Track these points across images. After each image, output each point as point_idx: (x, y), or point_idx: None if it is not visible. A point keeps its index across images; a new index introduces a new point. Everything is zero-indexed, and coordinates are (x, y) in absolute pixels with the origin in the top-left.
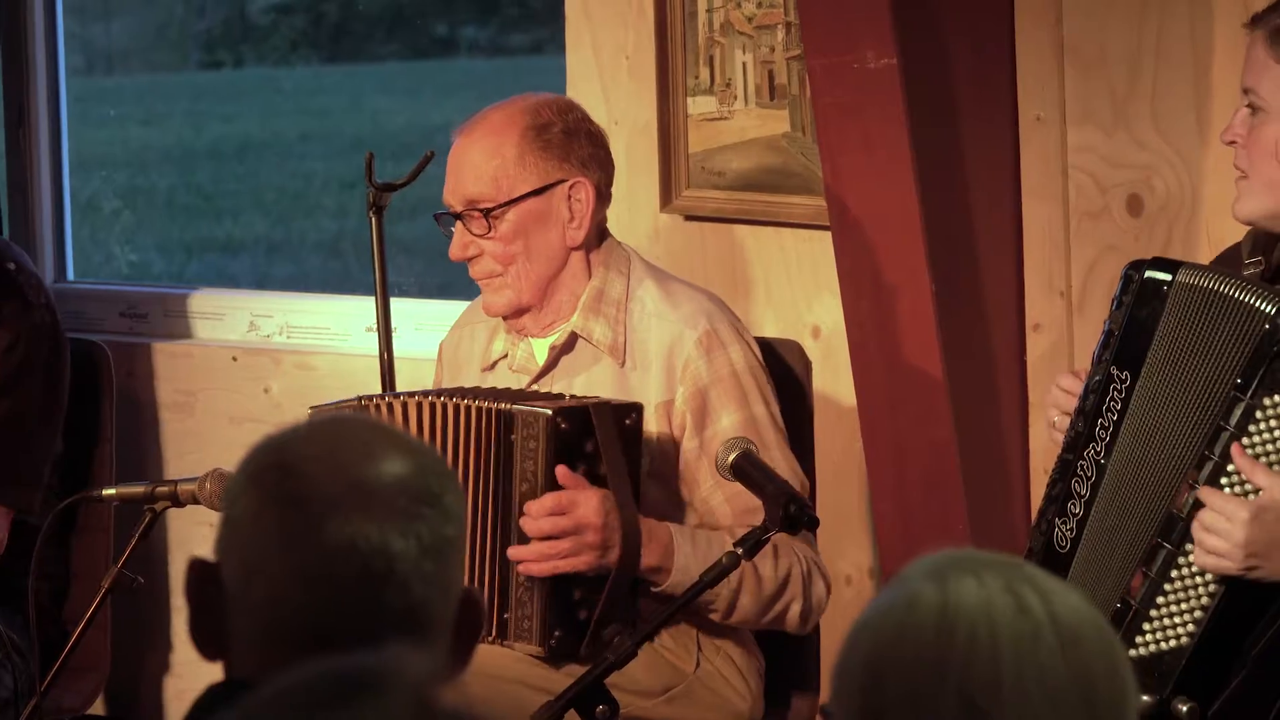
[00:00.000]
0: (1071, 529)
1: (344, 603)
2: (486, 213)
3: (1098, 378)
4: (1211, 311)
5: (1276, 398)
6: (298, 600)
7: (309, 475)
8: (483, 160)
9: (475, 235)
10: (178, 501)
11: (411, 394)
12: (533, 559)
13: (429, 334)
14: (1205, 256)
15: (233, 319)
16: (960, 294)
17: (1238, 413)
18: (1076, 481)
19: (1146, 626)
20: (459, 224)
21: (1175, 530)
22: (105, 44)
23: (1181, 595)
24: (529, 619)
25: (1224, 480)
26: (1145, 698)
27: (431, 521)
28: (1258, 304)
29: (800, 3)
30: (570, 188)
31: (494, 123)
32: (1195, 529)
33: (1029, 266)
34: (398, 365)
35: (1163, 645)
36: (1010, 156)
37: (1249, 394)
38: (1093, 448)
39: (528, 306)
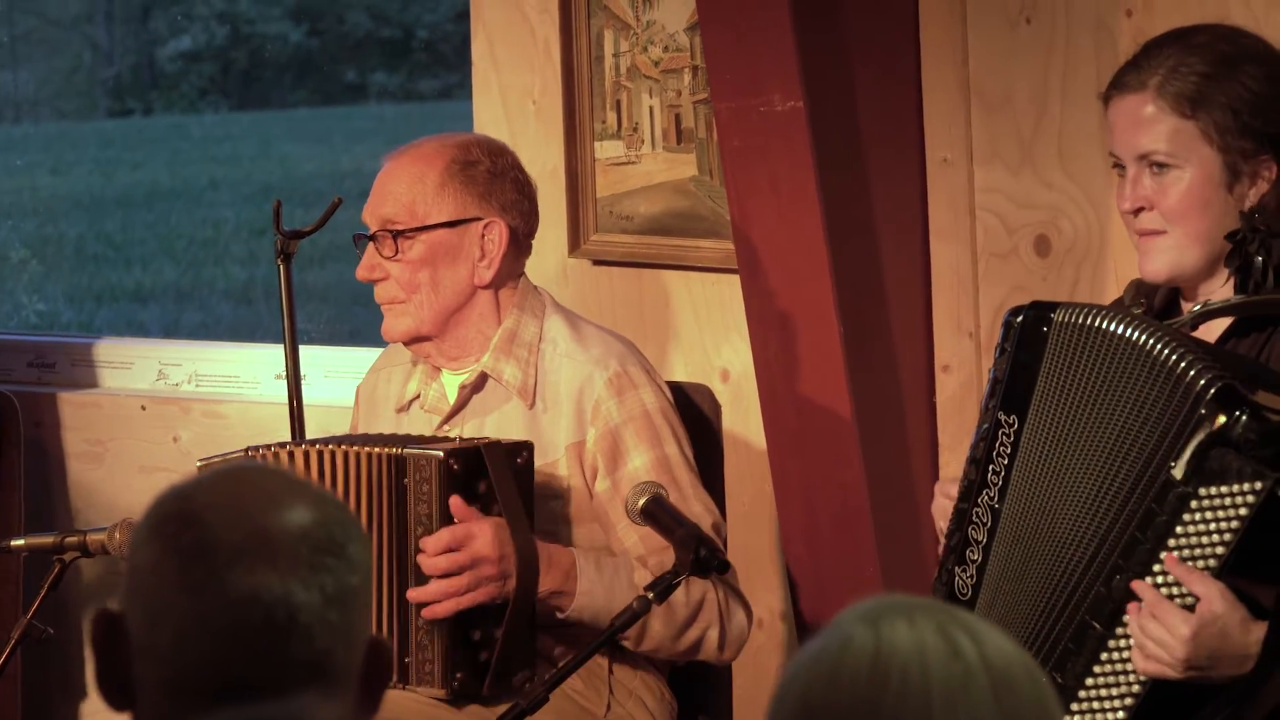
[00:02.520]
0: (972, 575)
1: (248, 653)
2: (396, 235)
3: (986, 425)
4: (1099, 350)
5: (1213, 490)
6: (201, 650)
7: (211, 525)
8: (405, 185)
9: (384, 257)
10: (87, 552)
11: (301, 442)
12: (433, 598)
13: (339, 381)
14: (1113, 296)
15: (141, 368)
16: (869, 336)
17: (1172, 499)
18: (973, 529)
19: (1075, 706)
20: (370, 245)
21: (1105, 613)
22: (12, 92)
23: (1112, 680)
24: (430, 662)
25: (1156, 568)
26: None
27: (336, 571)
28: (1173, 360)
29: (706, 47)
30: (485, 227)
31: (424, 151)
32: (1134, 630)
33: (937, 308)
34: (307, 413)
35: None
36: (917, 198)
37: (1185, 478)
38: (986, 494)
39: (426, 336)
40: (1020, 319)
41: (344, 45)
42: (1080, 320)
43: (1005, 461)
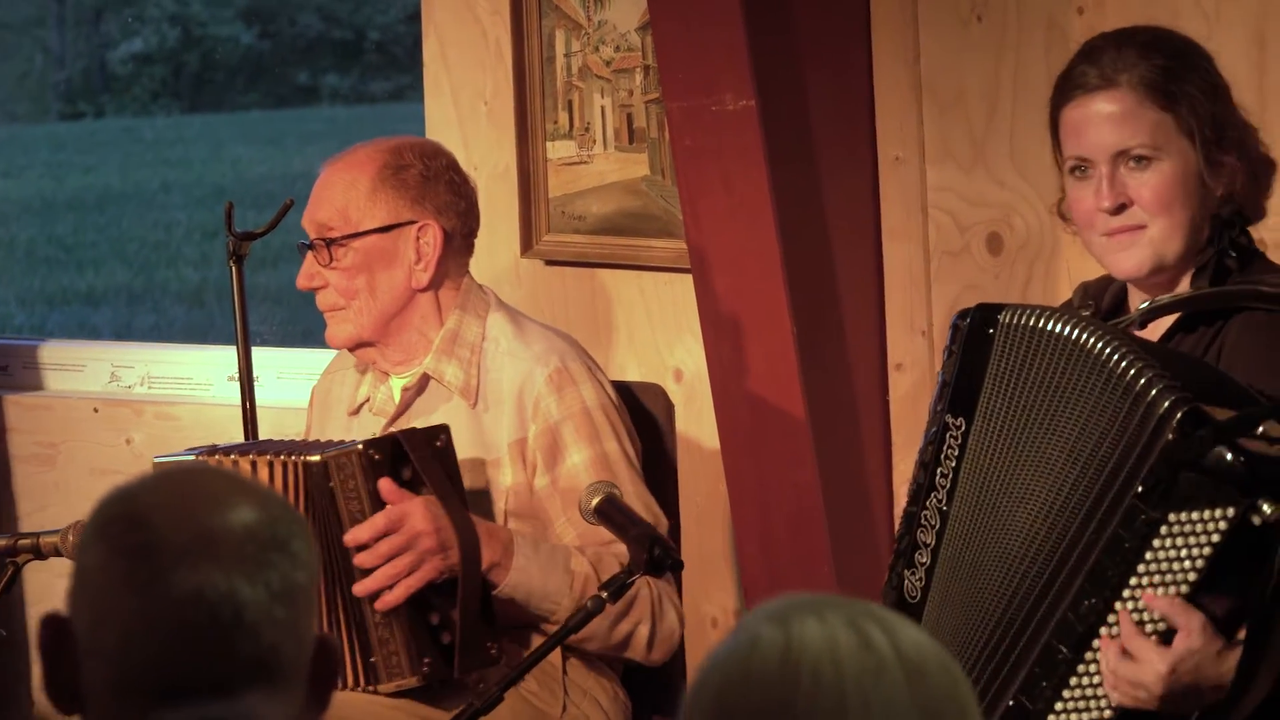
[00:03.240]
0: (920, 578)
1: (194, 652)
2: (330, 243)
3: (934, 429)
4: (1046, 351)
5: (1183, 515)
6: (148, 650)
7: (155, 525)
8: (337, 191)
9: (321, 265)
10: (40, 554)
11: (228, 451)
12: (382, 586)
13: (291, 382)
14: (1066, 294)
15: (94, 370)
16: (822, 335)
17: (1139, 524)
18: (921, 531)
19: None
20: (309, 253)
21: (1073, 639)
22: None
23: (1082, 705)
24: (395, 655)
25: (1125, 593)
26: None
27: (280, 568)
28: (1124, 368)
29: (658, 46)
30: (419, 230)
31: (357, 157)
32: (1107, 664)
33: (890, 306)
34: (260, 414)
35: None
36: (870, 197)
37: (1152, 506)
38: (934, 496)
39: (369, 341)
40: (967, 321)
41: (295, 47)
42: (1027, 322)
43: (953, 464)
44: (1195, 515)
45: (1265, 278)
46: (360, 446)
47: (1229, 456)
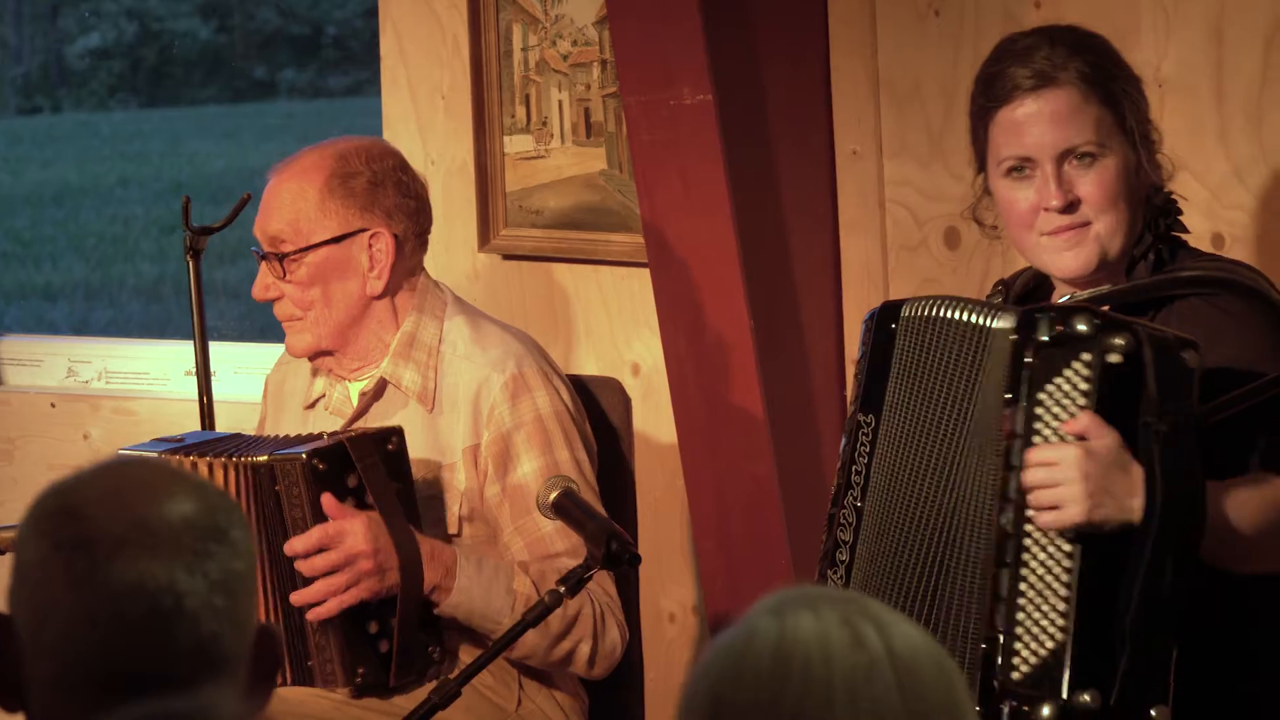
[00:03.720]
0: (841, 576)
1: (135, 642)
2: (282, 257)
3: (849, 428)
4: (939, 337)
5: (1049, 387)
6: (89, 643)
7: (93, 518)
8: (286, 202)
9: (274, 278)
10: None
11: (174, 449)
12: (315, 599)
13: (248, 377)
14: None
15: (51, 365)
16: (779, 329)
17: (1020, 420)
18: (840, 530)
19: (1019, 646)
20: (263, 264)
21: (1007, 549)
22: None
23: (1039, 601)
24: (331, 662)
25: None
26: (1046, 709)
27: (219, 557)
28: (985, 322)
29: (615, 40)
30: (370, 238)
31: (303, 166)
32: (1029, 492)
33: (848, 300)
34: (217, 408)
35: (1043, 654)
36: (827, 191)
37: (1022, 399)
38: (850, 495)
39: (328, 350)
40: (873, 320)
41: (253, 42)
42: (924, 312)
43: (865, 461)
44: (1059, 380)
45: (1186, 264)
46: (304, 456)
47: (1066, 319)
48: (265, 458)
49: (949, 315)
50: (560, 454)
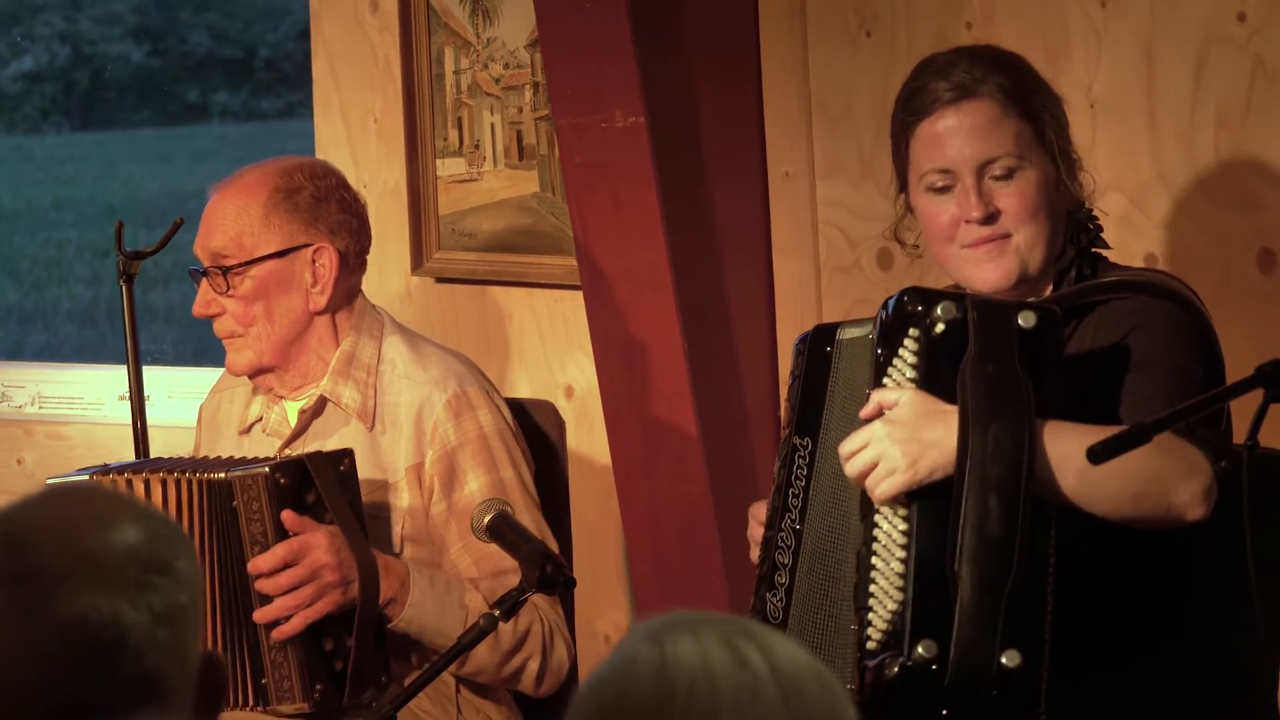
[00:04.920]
0: (781, 599)
1: (78, 675)
2: (226, 271)
3: (784, 451)
4: (863, 357)
5: (889, 369)
6: (32, 675)
7: (36, 548)
8: (230, 217)
9: (217, 293)
10: None
11: (123, 469)
12: (280, 615)
13: (183, 401)
14: None
15: None
16: (713, 351)
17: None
18: (779, 553)
19: (873, 616)
20: (204, 280)
21: (864, 533)
22: None
23: (884, 569)
24: (288, 679)
25: None
26: (894, 669)
27: (163, 590)
28: (869, 332)
29: (547, 63)
30: (314, 253)
31: (247, 182)
32: (852, 476)
33: (781, 322)
34: (151, 433)
35: (889, 617)
36: (760, 212)
37: (874, 389)
38: (788, 517)
39: (269, 367)
40: (807, 344)
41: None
42: (860, 334)
43: (803, 484)
44: (896, 360)
45: (1108, 274)
46: (266, 470)
47: (902, 303)
48: (224, 474)
49: (866, 334)
50: (505, 471)
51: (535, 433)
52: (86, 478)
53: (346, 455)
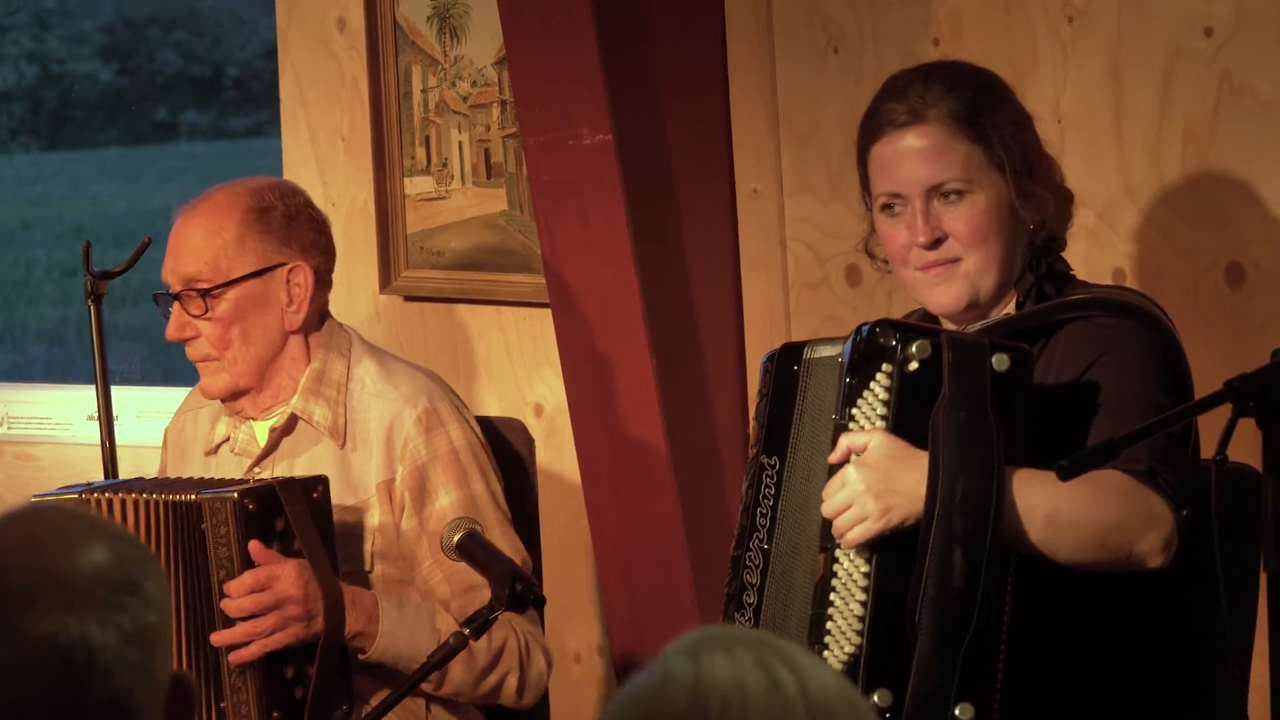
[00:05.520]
0: (749, 618)
1: (47, 696)
2: (204, 293)
3: (751, 470)
4: (830, 376)
5: (859, 401)
6: (1, 696)
7: (5, 570)
8: (202, 240)
9: (192, 316)
10: None
11: (91, 489)
12: (239, 640)
13: (151, 421)
14: None
15: None
16: (681, 368)
17: (836, 439)
18: (747, 573)
19: (828, 655)
20: (176, 304)
21: (824, 566)
22: None
23: (842, 609)
24: (246, 704)
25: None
26: None
27: (133, 610)
28: (835, 352)
29: (514, 81)
30: (289, 271)
31: (216, 203)
32: (829, 521)
33: (750, 339)
34: (120, 453)
35: (844, 660)
36: (728, 229)
37: (842, 418)
38: (756, 536)
39: (245, 389)
40: (774, 362)
41: (154, 84)
42: (825, 353)
43: (771, 503)
44: (867, 393)
45: (1075, 292)
46: (236, 495)
47: (875, 335)
48: (194, 496)
49: (836, 353)
50: (476, 486)
51: (504, 451)
52: (52, 498)
53: (320, 483)
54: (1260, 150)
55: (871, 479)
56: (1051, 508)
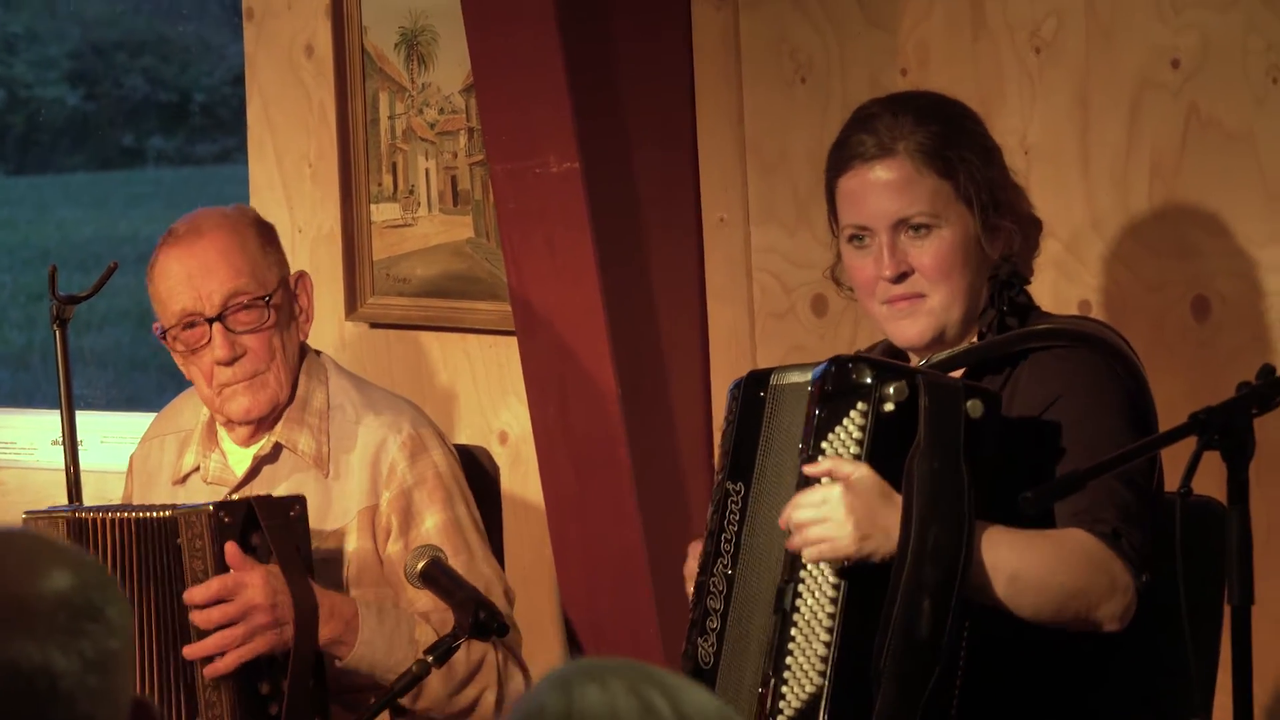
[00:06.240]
0: (712, 644)
1: None
2: (264, 300)
3: (716, 497)
4: (795, 403)
5: (830, 435)
6: None
7: None
8: (233, 255)
9: (240, 333)
10: None
11: (66, 510)
12: (211, 651)
13: (116, 446)
14: None
15: None
16: (647, 397)
17: (802, 464)
18: (711, 599)
19: (785, 690)
20: (218, 326)
21: (785, 595)
22: None
23: (805, 645)
24: (221, 719)
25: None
26: None
27: (95, 636)
28: (809, 376)
29: (482, 108)
30: (297, 280)
31: (222, 222)
32: (795, 525)
33: (715, 368)
34: (85, 478)
35: (804, 697)
36: (695, 258)
37: (810, 449)
38: (720, 563)
39: (285, 402)
40: (740, 389)
41: (121, 109)
42: (793, 380)
43: (735, 529)
44: (839, 429)
45: (1038, 322)
46: (211, 508)
47: (849, 370)
48: (169, 512)
49: (802, 380)
50: (460, 509)
51: (470, 477)
52: (19, 522)
53: (297, 502)
54: (1227, 182)
55: (856, 505)
56: (1015, 569)
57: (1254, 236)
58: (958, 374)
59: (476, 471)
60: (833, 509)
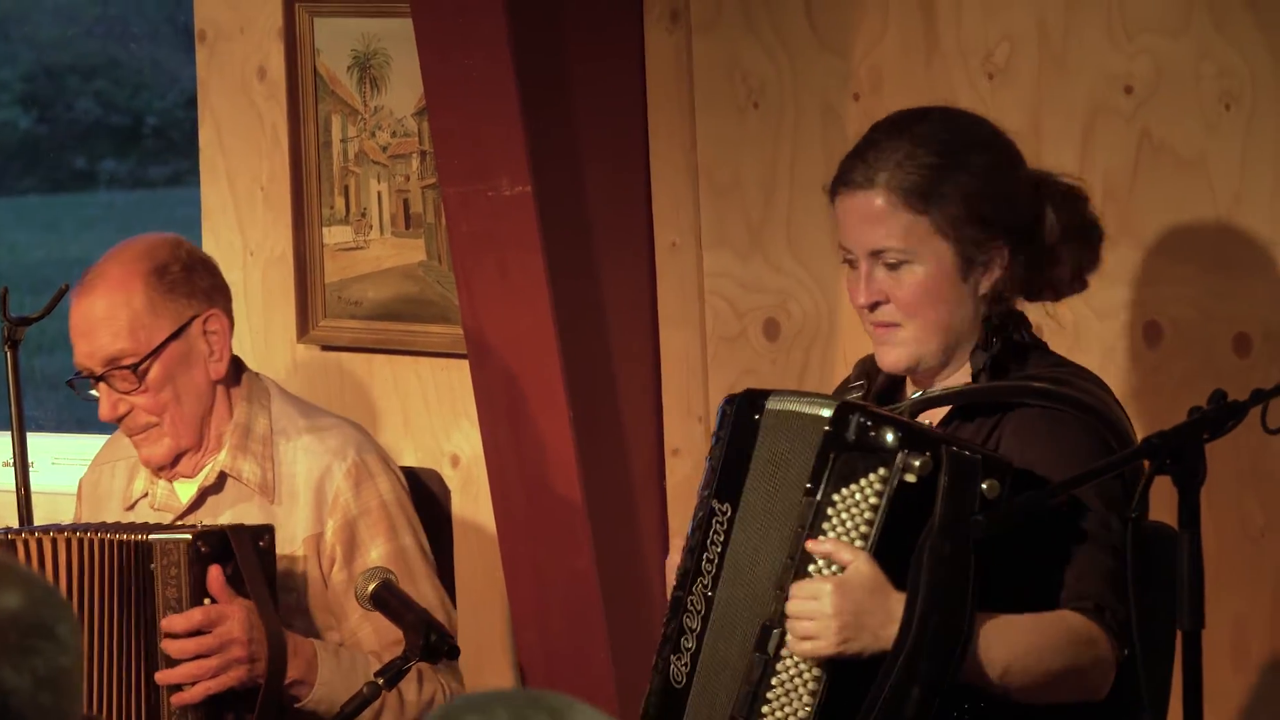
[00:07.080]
0: (686, 663)
1: None
2: (134, 368)
3: (701, 513)
4: (793, 431)
5: (844, 490)
6: None
7: None
8: (114, 316)
9: (123, 393)
10: None
11: (45, 530)
12: (183, 681)
13: (67, 468)
14: (841, 378)
15: None
16: (599, 420)
17: (810, 515)
18: (687, 616)
19: None
20: (103, 385)
21: (770, 639)
22: None
23: (785, 700)
24: None
25: (811, 569)
26: None
27: (46, 654)
28: (819, 411)
29: (434, 132)
30: (204, 321)
31: (114, 277)
32: (789, 619)
33: (667, 392)
34: (35, 500)
35: None
36: (647, 282)
37: (819, 494)
38: (700, 581)
39: (186, 450)
40: (734, 407)
41: (73, 132)
42: (790, 407)
43: (719, 549)
44: (854, 487)
45: (1039, 372)
46: (189, 537)
47: (872, 426)
48: (144, 536)
49: (815, 413)
50: (405, 539)
51: (421, 501)
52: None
53: (267, 531)
54: (1179, 209)
55: (843, 607)
56: (1007, 664)
57: (1205, 263)
58: (944, 410)
59: (427, 495)
60: (820, 607)
